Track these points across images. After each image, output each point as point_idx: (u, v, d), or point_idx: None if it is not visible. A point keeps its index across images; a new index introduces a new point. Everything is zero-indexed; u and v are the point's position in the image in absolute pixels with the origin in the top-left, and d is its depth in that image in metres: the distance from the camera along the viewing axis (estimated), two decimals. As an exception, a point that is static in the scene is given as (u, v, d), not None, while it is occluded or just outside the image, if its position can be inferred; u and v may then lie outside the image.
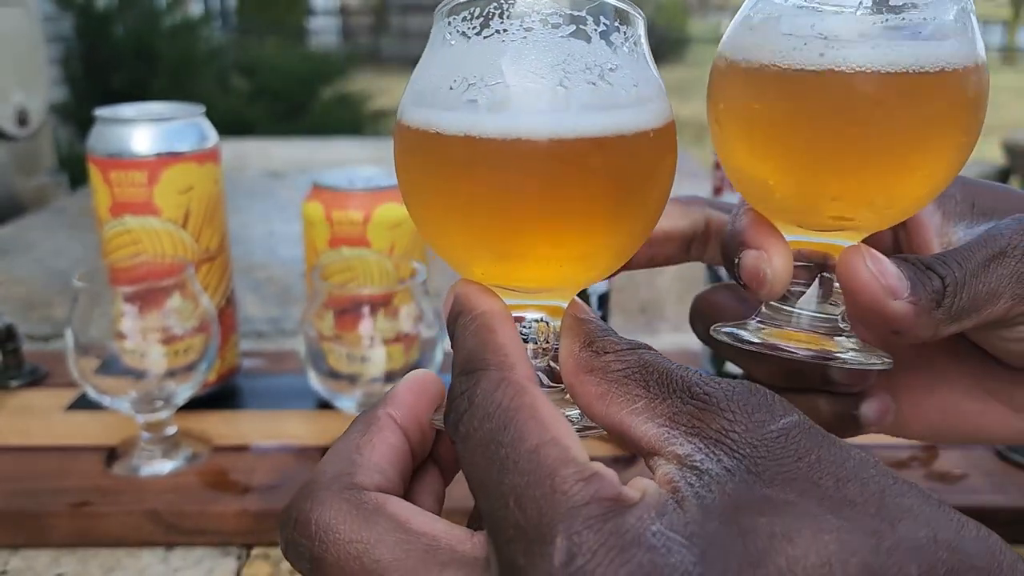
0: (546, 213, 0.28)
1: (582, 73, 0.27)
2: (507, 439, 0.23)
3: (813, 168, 0.32)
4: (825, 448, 0.23)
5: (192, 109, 0.66)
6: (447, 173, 0.28)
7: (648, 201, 0.29)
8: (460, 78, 0.27)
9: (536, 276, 0.30)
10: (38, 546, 0.56)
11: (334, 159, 1.81)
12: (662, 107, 0.29)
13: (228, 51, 5.07)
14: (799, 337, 0.33)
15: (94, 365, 0.58)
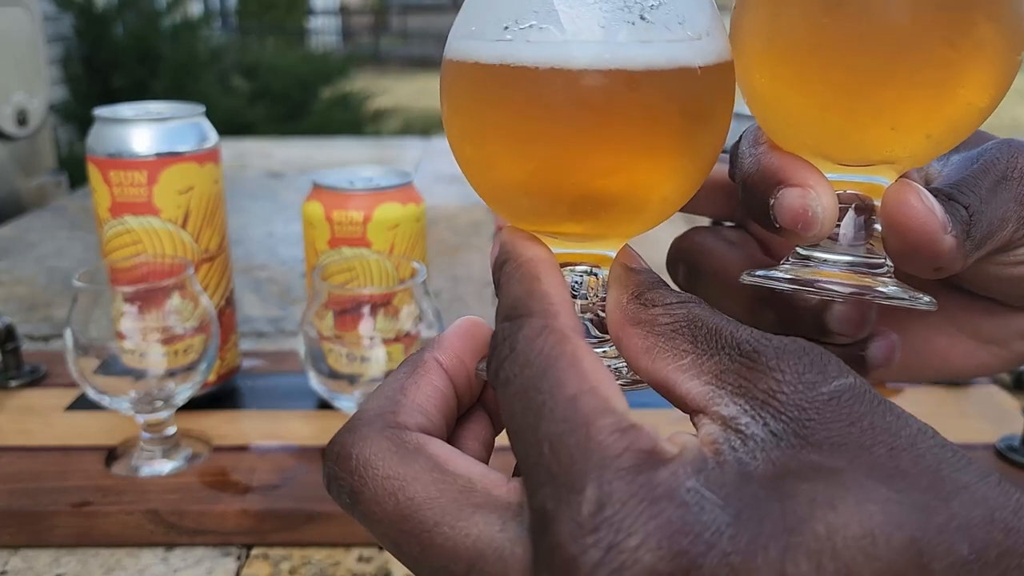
0: (583, 147, 0.27)
1: (622, 11, 0.26)
2: (546, 386, 0.22)
3: (872, 94, 0.29)
4: (879, 415, 0.22)
5: (192, 109, 0.66)
6: (483, 101, 0.28)
7: (698, 142, 0.28)
8: (507, 14, 0.27)
9: (583, 225, 0.29)
10: (38, 546, 0.56)
11: (334, 159, 1.81)
12: (711, 46, 0.28)
13: (228, 51, 5.07)
14: (837, 275, 0.31)
15: (94, 365, 0.58)
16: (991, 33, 0.28)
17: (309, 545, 0.56)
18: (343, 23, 12.97)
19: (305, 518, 0.56)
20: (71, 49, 3.82)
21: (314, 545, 0.56)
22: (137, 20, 4.06)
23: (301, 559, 0.55)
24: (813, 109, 0.31)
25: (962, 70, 0.29)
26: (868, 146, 0.30)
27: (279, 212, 1.39)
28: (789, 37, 0.30)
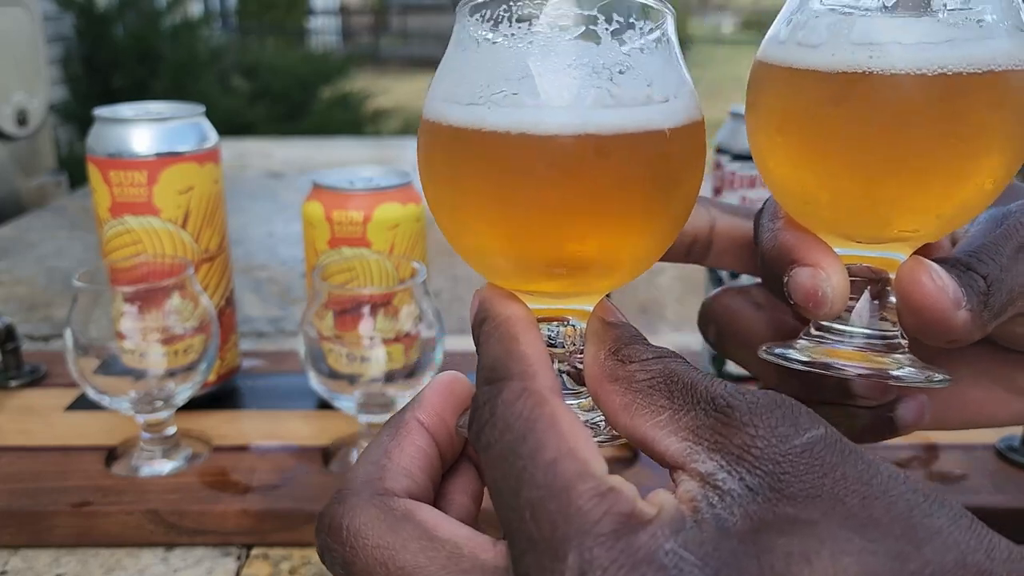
0: (554, 213, 0.27)
1: (591, 77, 0.27)
2: (526, 451, 0.23)
3: (881, 181, 0.30)
4: (851, 464, 0.22)
5: (192, 109, 0.66)
6: (455, 164, 0.28)
7: (668, 202, 0.29)
8: (475, 79, 0.27)
9: (558, 284, 0.29)
10: (38, 546, 0.56)
11: (334, 159, 1.81)
12: (680, 106, 0.28)
13: (228, 51, 5.07)
14: (852, 355, 0.32)
15: (94, 365, 0.58)
16: (994, 121, 0.29)
17: (309, 545, 0.56)
18: (343, 23, 12.96)
19: (305, 518, 0.56)
20: (71, 49, 3.82)
21: (314, 545, 0.56)
22: (137, 20, 4.06)
23: (301, 559, 0.55)
24: (825, 192, 0.31)
25: (968, 157, 0.29)
26: (880, 227, 0.31)
27: (279, 212, 1.39)
28: (801, 125, 0.31)
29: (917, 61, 0.28)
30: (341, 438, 0.64)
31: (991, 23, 0.29)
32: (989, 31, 0.29)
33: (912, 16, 0.29)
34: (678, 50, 0.29)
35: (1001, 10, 0.29)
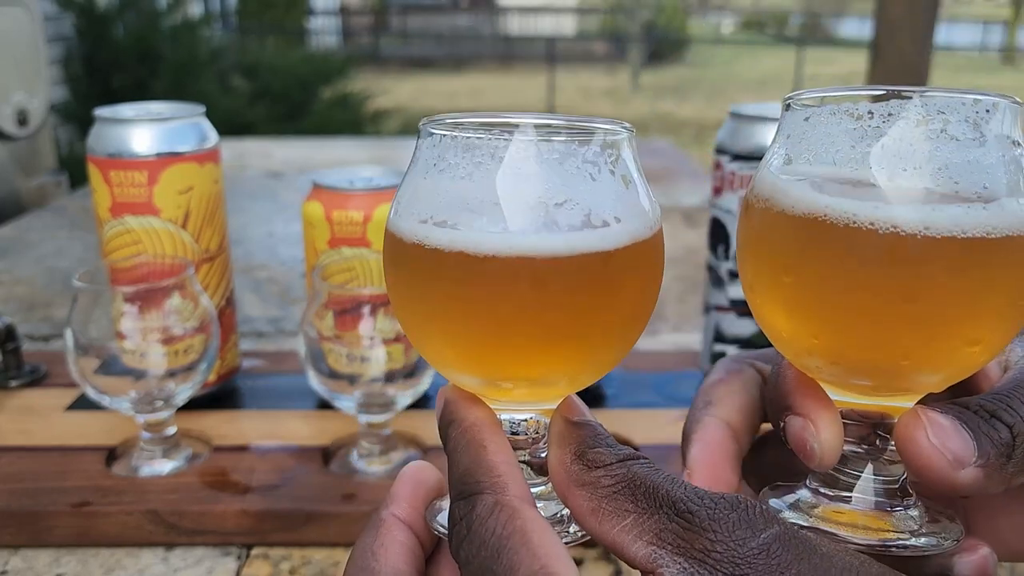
0: (488, 331, 0.29)
1: (532, 204, 0.28)
2: (500, 568, 0.25)
3: (884, 336, 0.29)
4: (806, 559, 0.24)
5: (192, 109, 0.66)
6: (408, 277, 0.30)
7: (613, 318, 0.30)
8: (426, 203, 0.29)
9: (512, 395, 0.31)
10: (38, 546, 0.56)
11: (334, 159, 1.81)
12: (625, 229, 0.29)
13: (228, 51, 5.07)
14: (855, 518, 0.30)
15: (94, 365, 0.58)
16: (1008, 282, 0.28)
17: (309, 545, 0.56)
18: (343, 23, 12.96)
19: (305, 518, 0.56)
20: (72, 49, 3.81)
21: (314, 545, 0.56)
22: (137, 20, 4.06)
23: (301, 559, 0.55)
24: (823, 344, 0.30)
25: (975, 319, 0.28)
26: (884, 382, 0.30)
27: (279, 212, 1.39)
28: (807, 272, 0.30)
29: (928, 221, 0.27)
30: (341, 438, 0.64)
31: (997, 187, 0.28)
32: (995, 194, 0.28)
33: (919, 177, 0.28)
34: (634, 168, 0.30)
35: (1007, 174, 0.28)
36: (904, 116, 0.28)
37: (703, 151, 5.89)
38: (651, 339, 0.90)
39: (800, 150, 0.30)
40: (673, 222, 1.35)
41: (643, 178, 0.31)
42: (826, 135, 0.29)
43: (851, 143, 0.29)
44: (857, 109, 0.29)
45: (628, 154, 0.30)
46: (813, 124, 0.30)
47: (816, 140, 0.30)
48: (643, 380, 0.73)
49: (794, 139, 0.31)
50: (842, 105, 0.29)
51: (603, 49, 14.01)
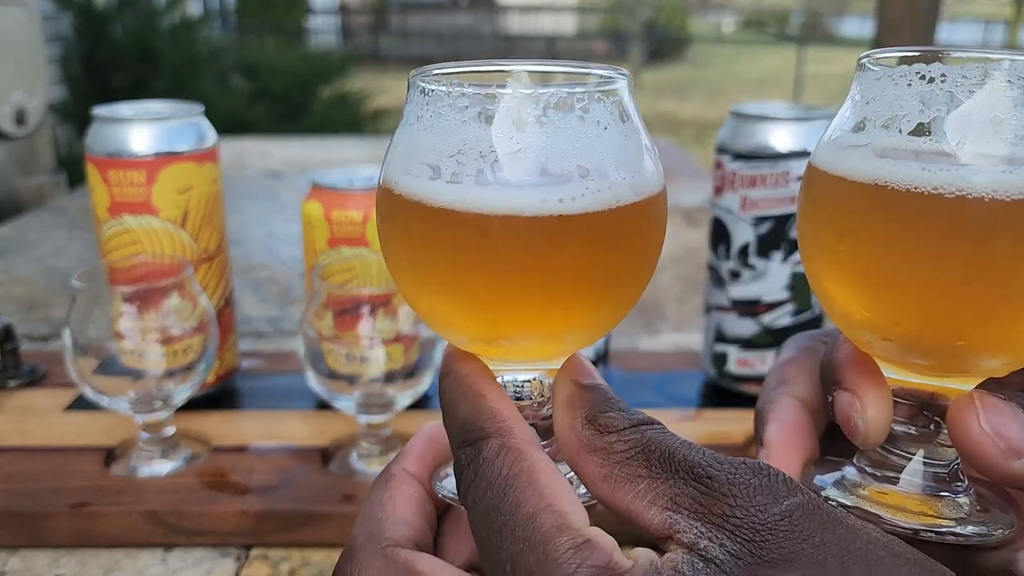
0: (502, 285, 0.28)
1: (535, 161, 0.27)
2: (506, 506, 0.25)
3: (938, 313, 0.27)
4: (830, 530, 0.23)
5: (191, 108, 0.66)
6: (398, 233, 0.29)
7: (616, 274, 0.29)
8: (419, 156, 0.28)
9: (513, 351, 0.30)
10: (37, 546, 0.55)
11: (333, 159, 1.81)
12: (628, 184, 0.28)
13: (227, 51, 5.06)
14: (903, 502, 0.29)
15: (93, 365, 0.58)
16: None
17: (309, 546, 0.56)
18: (342, 22, 12.96)
19: (304, 519, 0.55)
20: (70, 48, 3.81)
21: (313, 546, 0.56)
22: (136, 19, 4.05)
23: (300, 560, 0.55)
24: (873, 327, 0.29)
25: (1009, 307, 0.27)
26: (941, 361, 0.29)
27: (278, 212, 1.39)
28: (869, 240, 0.29)
29: (997, 183, 0.26)
30: (340, 439, 0.64)
31: None
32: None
33: None
34: (635, 117, 0.29)
35: None
36: (982, 80, 0.26)
37: (704, 151, 5.88)
38: (651, 339, 0.90)
39: (868, 112, 0.29)
40: (674, 222, 1.35)
41: (644, 128, 0.30)
42: (895, 97, 0.28)
43: (921, 106, 0.27)
44: (930, 71, 0.27)
45: (630, 102, 0.29)
46: (884, 86, 0.29)
47: (885, 103, 0.28)
48: (643, 380, 0.73)
49: (863, 100, 0.29)
50: (913, 66, 0.28)
51: (603, 48, 14.00)
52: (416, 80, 0.29)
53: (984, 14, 16.40)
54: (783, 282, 0.66)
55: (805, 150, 0.63)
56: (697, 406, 0.69)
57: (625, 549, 0.24)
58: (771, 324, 0.67)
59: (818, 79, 10.00)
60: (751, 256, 0.66)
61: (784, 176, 0.64)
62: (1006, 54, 0.27)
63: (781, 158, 0.64)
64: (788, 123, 0.64)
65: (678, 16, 14.94)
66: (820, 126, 0.65)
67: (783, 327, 0.67)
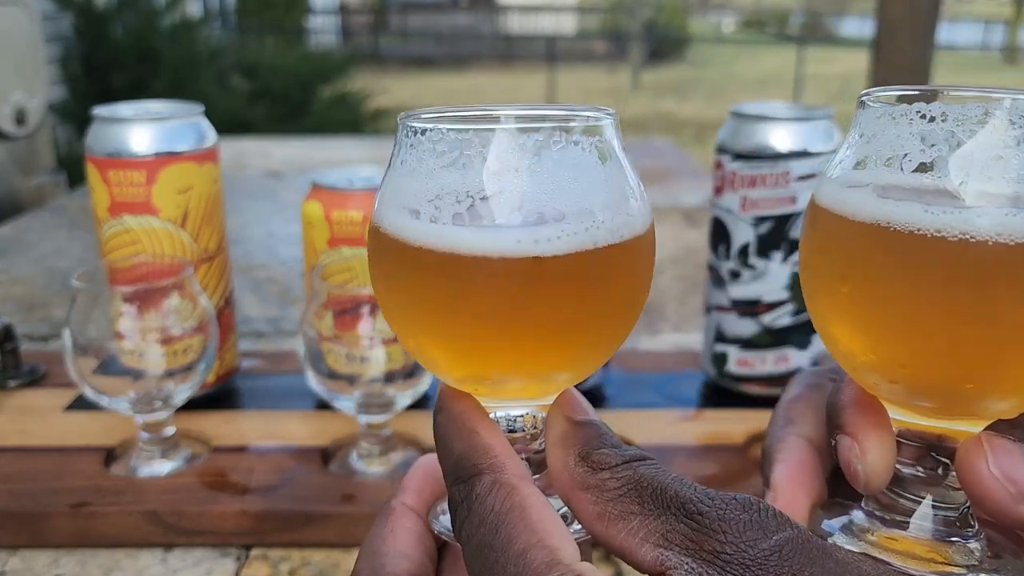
0: (491, 328, 0.28)
1: (522, 202, 0.27)
2: (498, 543, 0.25)
3: (945, 357, 0.27)
4: (819, 563, 0.23)
5: (191, 108, 0.66)
6: (389, 272, 0.29)
7: (605, 314, 0.29)
8: (406, 197, 0.29)
9: (505, 391, 0.30)
10: (37, 546, 0.55)
11: (333, 159, 1.81)
12: (615, 223, 0.28)
13: (227, 51, 5.06)
14: (912, 547, 0.29)
15: (93, 365, 0.58)
16: None
17: (308, 546, 0.56)
18: (342, 22, 12.96)
19: (304, 519, 0.55)
20: (70, 48, 3.81)
21: (313, 546, 0.56)
22: (136, 19, 4.05)
23: (300, 560, 0.55)
24: (879, 370, 0.28)
25: (1018, 349, 0.26)
26: (950, 405, 0.28)
27: (278, 212, 1.39)
28: (873, 281, 0.28)
29: (1002, 226, 0.25)
30: (340, 439, 0.64)
31: None
32: None
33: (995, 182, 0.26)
34: (621, 156, 0.29)
35: None
36: (984, 119, 0.26)
37: (704, 150, 5.88)
38: (651, 339, 0.90)
39: (869, 151, 0.29)
40: (674, 222, 1.35)
41: (632, 167, 0.30)
42: (896, 136, 0.28)
43: (922, 146, 0.27)
44: (930, 110, 0.27)
45: (615, 142, 0.29)
46: (884, 124, 0.28)
47: (886, 141, 0.28)
48: (643, 380, 0.73)
49: (864, 139, 0.29)
50: (914, 105, 0.27)
51: (603, 48, 14.00)
52: (402, 123, 0.29)
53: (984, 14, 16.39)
54: (783, 282, 0.66)
55: (805, 150, 0.63)
56: (697, 406, 0.69)
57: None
58: (771, 324, 0.67)
59: (818, 79, 9.99)
60: (751, 256, 0.66)
61: (784, 176, 0.64)
62: (1007, 92, 0.26)
63: (781, 158, 0.64)
64: (788, 123, 0.64)
65: (678, 16, 14.93)
66: (820, 126, 0.65)
67: (783, 327, 0.67)
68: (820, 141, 0.64)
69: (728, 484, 0.58)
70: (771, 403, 0.69)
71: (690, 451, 0.62)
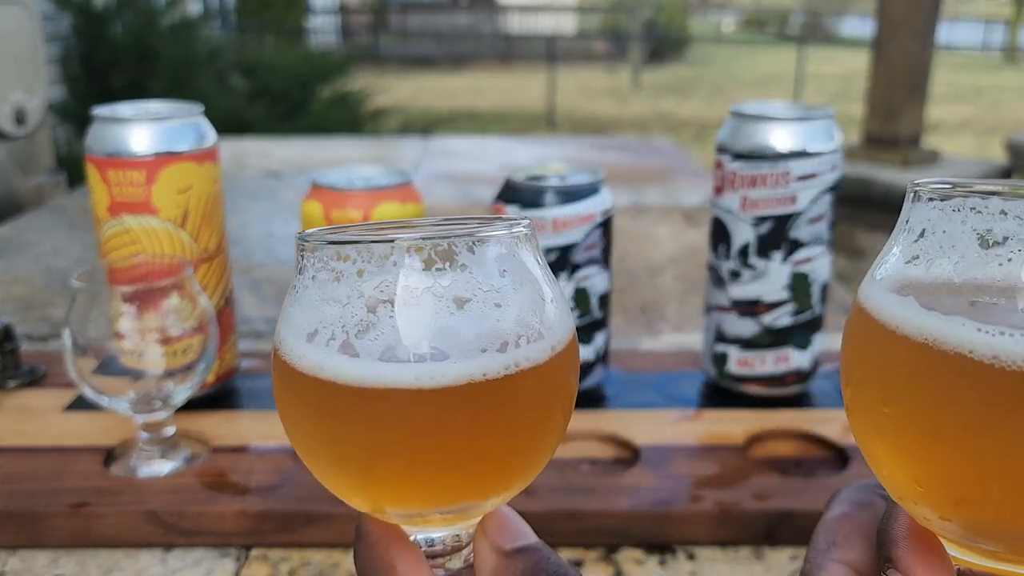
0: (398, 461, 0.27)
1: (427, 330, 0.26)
2: None
3: (1005, 495, 0.23)
4: None
5: (190, 108, 0.66)
6: (289, 401, 0.28)
7: (516, 443, 0.28)
8: (298, 321, 0.28)
9: (408, 521, 0.29)
10: (36, 547, 0.55)
11: (333, 158, 1.81)
12: (523, 353, 0.27)
13: (227, 50, 5.06)
14: None
15: (92, 365, 0.58)
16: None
17: (308, 546, 0.56)
18: (342, 22, 12.95)
19: (304, 519, 0.55)
20: (70, 48, 3.81)
21: (313, 546, 0.56)
22: (135, 19, 4.05)
23: (300, 560, 0.55)
24: (929, 504, 0.26)
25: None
26: (1005, 550, 0.25)
27: (278, 211, 1.39)
28: (900, 429, 0.25)
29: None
30: (340, 438, 0.64)
31: None
32: None
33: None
34: (539, 274, 0.28)
35: None
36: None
37: (704, 150, 5.88)
38: (651, 339, 0.90)
39: (918, 249, 0.25)
40: (674, 222, 1.35)
41: (548, 280, 0.28)
42: (948, 236, 0.24)
43: (978, 251, 0.23)
44: (987, 206, 0.23)
45: (530, 260, 0.28)
46: (937, 221, 0.25)
47: (938, 240, 0.25)
48: (643, 380, 0.73)
49: (913, 235, 0.26)
50: (968, 200, 0.24)
51: (603, 48, 14.00)
52: (298, 242, 0.28)
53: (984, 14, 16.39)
54: (783, 282, 0.66)
55: (805, 150, 0.63)
56: (697, 406, 0.69)
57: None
58: (771, 324, 0.67)
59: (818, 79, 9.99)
60: (751, 256, 0.66)
61: (784, 176, 0.64)
62: None
63: (781, 158, 0.63)
64: (788, 123, 0.64)
65: (678, 16, 14.93)
66: (820, 126, 0.65)
67: (783, 327, 0.67)
68: (820, 141, 0.64)
69: (728, 484, 0.58)
70: (771, 403, 0.69)
71: (690, 451, 0.62)
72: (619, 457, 0.62)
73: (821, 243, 0.66)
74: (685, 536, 0.55)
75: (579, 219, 0.63)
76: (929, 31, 5.01)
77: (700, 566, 0.54)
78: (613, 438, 0.64)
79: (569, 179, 0.65)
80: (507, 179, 0.66)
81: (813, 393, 0.71)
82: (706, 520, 0.55)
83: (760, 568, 0.54)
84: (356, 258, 0.26)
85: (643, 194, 1.47)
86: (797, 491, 0.57)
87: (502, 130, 7.34)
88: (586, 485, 0.57)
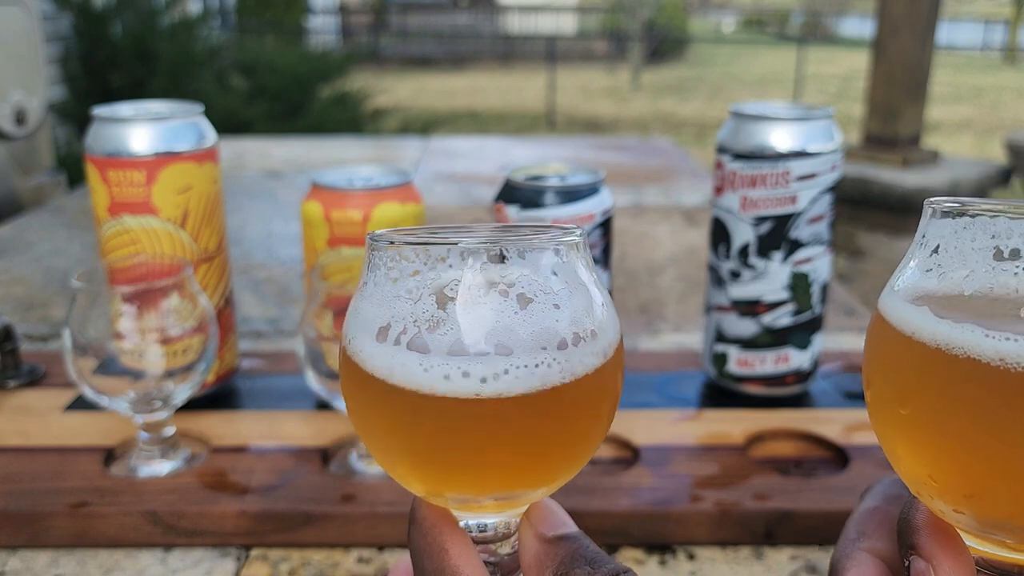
0: (418, 454, 0.29)
1: (486, 337, 0.27)
2: None
3: (1014, 491, 0.25)
4: None
5: (190, 108, 0.66)
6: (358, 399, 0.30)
7: (568, 442, 0.29)
8: (362, 319, 0.29)
9: (463, 507, 0.30)
10: (36, 547, 0.55)
11: (333, 158, 1.81)
12: (580, 359, 0.28)
13: (226, 50, 5.06)
14: None
15: (92, 365, 0.58)
16: None
17: (308, 546, 0.56)
18: (342, 21, 12.95)
19: (304, 519, 0.55)
20: (69, 48, 3.81)
21: (313, 546, 0.56)
22: (135, 19, 4.05)
23: (300, 560, 0.55)
24: (944, 498, 0.27)
25: None
26: (1018, 540, 0.27)
27: (278, 211, 1.39)
28: (915, 428, 0.27)
29: None
30: (340, 439, 0.64)
31: None
32: None
33: None
34: (590, 282, 0.29)
35: None
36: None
37: (704, 150, 5.88)
38: (651, 339, 0.90)
39: (931, 263, 0.28)
40: (674, 222, 1.35)
41: (598, 285, 0.29)
42: (959, 251, 0.27)
43: (989, 265, 0.26)
44: (995, 226, 0.26)
45: (573, 268, 0.29)
46: (950, 237, 0.27)
47: (948, 256, 0.27)
48: (643, 380, 0.73)
49: (928, 249, 0.28)
50: (978, 219, 0.26)
51: (603, 48, 14.00)
52: (368, 241, 0.30)
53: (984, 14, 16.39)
54: (783, 282, 0.66)
55: (805, 150, 0.63)
56: (697, 406, 0.69)
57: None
58: (771, 324, 0.67)
59: (818, 79, 9.99)
60: (751, 256, 0.66)
61: (784, 176, 0.64)
62: None
63: (781, 158, 0.64)
64: (788, 123, 0.64)
65: (678, 16, 14.93)
66: (820, 126, 0.65)
67: (783, 327, 0.67)
68: (820, 141, 0.64)
69: (728, 484, 0.58)
70: (771, 403, 0.69)
71: (690, 451, 0.62)
72: (619, 457, 0.62)
73: (821, 243, 0.66)
74: (685, 536, 0.55)
75: (579, 219, 0.63)
76: (929, 31, 5.01)
77: (700, 566, 0.54)
78: (613, 438, 0.64)
79: (569, 179, 0.65)
80: (507, 179, 0.66)
81: (813, 393, 0.71)
82: (706, 520, 0.55)
83: (760, 568, 0.54)
84: (421, 258, 0.28)
85: (643, 194, 1.47)
86: (797, 491, 0.57)
87: (502, 130, 7.34)
88: (586, 485, 0.57)
